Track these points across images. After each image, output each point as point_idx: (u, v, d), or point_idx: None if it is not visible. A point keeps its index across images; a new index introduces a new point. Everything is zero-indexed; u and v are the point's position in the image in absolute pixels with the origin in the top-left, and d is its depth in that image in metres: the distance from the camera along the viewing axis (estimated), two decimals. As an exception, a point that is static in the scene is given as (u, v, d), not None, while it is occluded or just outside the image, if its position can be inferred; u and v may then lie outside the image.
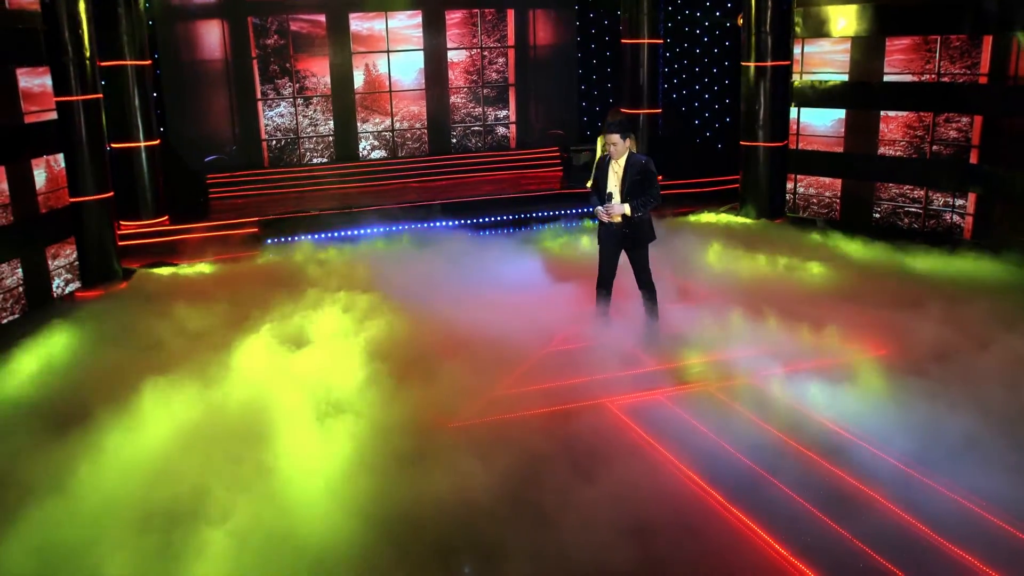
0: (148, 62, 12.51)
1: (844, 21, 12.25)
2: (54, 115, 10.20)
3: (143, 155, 12.39)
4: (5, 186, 9.42)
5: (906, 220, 12.14)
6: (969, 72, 11.22)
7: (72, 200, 10.38)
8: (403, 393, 6.66)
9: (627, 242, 7.61)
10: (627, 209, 7.39)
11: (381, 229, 12.41)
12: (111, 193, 10.74)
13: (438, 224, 12.63)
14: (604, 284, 7.81)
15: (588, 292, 8.15)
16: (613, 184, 7.46)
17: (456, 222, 12.62)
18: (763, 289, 9.09)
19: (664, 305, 7.85)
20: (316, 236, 12.19)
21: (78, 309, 9.42)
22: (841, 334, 7.56)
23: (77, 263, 10.58)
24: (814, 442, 5.87)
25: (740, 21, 13.00)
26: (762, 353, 7.18)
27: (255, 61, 15.07)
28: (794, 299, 8.70)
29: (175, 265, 11.33)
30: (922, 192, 11.94)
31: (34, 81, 10.08)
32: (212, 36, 14.88)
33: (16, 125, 9.79)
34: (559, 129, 16.44)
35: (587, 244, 10.98)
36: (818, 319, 7.90)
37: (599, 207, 7.48)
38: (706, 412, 6.43)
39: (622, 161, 7.45)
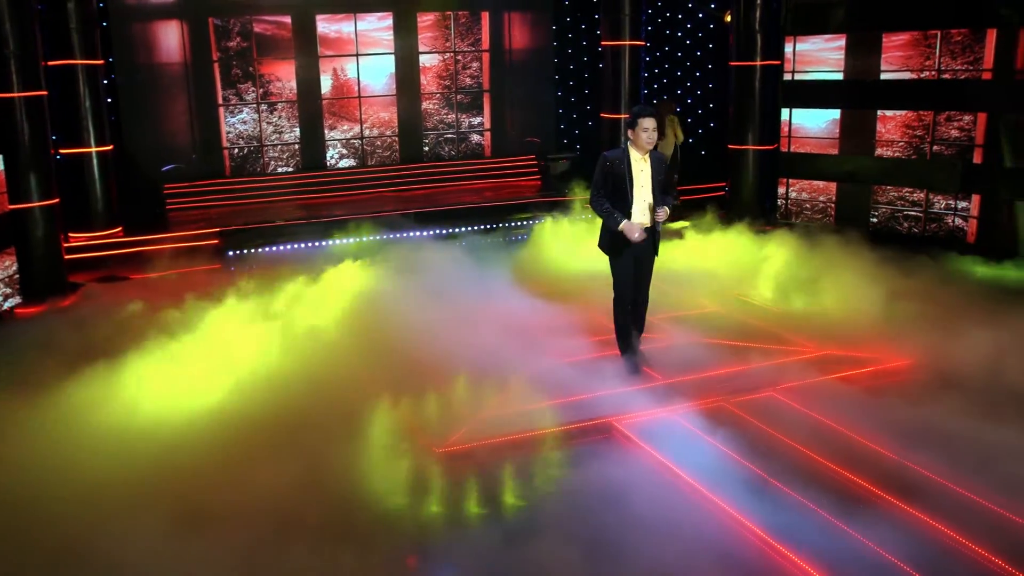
0: (100, 62, 11.70)
1: (838, 16, 11.72)
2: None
3: (94, 161, 11.57)
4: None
5: (905, 224, 11.58)
6: (972, 68, 10.71)
7: (12, 207, 9.48)
8: (385, 417, 5.82)
9: (649, 251, 6.61)
10: (666, 214, 6.45)
11: (350, 240, 11.63)
12: (57, 200, 9.86)
13: (411, 234, 11.86)
14: (628, 301, 6.76)
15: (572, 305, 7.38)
16: (644, 186, 6.36)
17: (430, 232, 11.96)
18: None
19: None
20: (281, 248, 11.46)
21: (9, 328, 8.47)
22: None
23: (17, 276, 9.65)
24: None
25: (728, 18, 12.44)
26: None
27: (216, 64, 14.23)
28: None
29: (128, 279, 10.49)
30: (922, 195, 11.40)
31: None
32: (170, 38, 14.01)
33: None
34: (536, 137, 15.75)
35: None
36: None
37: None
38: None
39: (648, 158, 6.39)
